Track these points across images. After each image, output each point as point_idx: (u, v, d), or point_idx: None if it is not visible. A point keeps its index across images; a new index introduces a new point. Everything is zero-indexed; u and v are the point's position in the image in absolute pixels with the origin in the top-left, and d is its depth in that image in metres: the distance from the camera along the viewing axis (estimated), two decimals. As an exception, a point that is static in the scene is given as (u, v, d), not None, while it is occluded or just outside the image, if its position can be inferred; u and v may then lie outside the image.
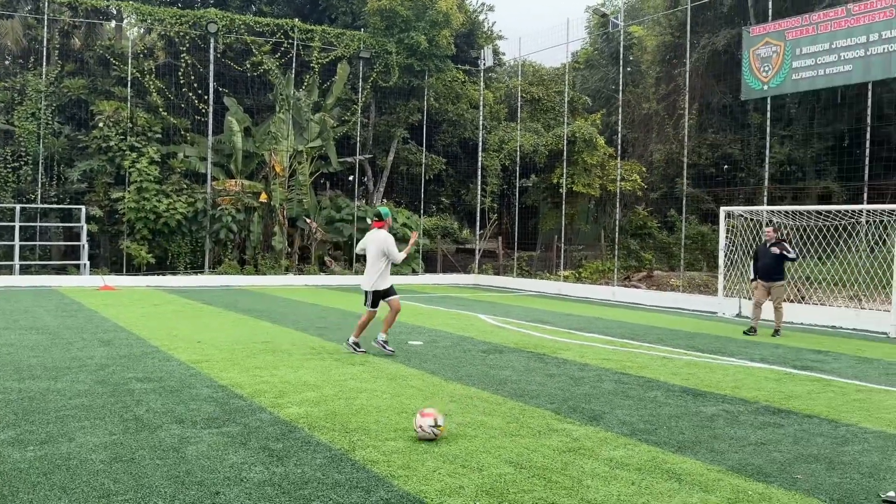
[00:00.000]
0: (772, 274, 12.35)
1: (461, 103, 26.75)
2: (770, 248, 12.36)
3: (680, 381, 8.06)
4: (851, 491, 4.58)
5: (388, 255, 9.14)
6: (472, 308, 16.06)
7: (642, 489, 4.53)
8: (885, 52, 14.72)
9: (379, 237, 9.26)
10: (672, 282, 20.64)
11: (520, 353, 9.79)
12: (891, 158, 23.34)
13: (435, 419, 5.40)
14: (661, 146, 27.36)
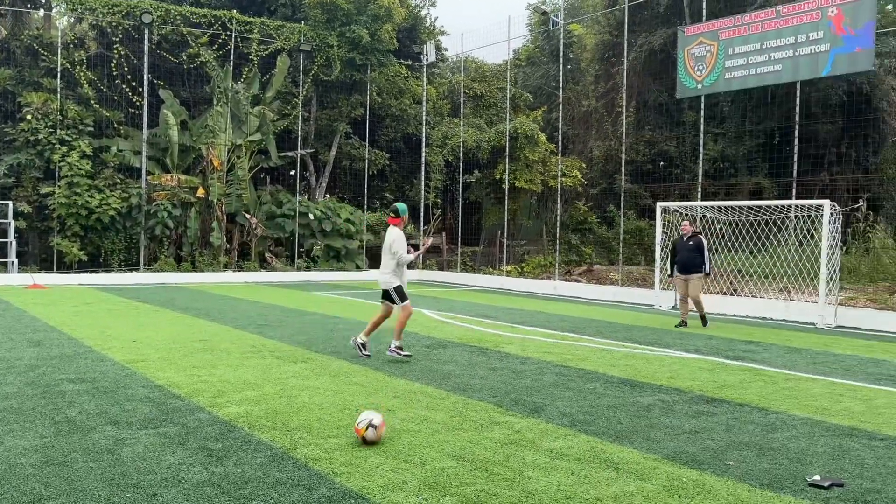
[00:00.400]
0: (689, 267, 12.59)
1: (404, 98, 26.68)
2: (687, 242, 12.66)
3: (618, 373, 8.25)
4: (780, 476, 4.77)
5: (395, 255, 8.75)
6: (416, 303, 16.02)
7: (581, 478, 4.63)
8: (812, 53, 15.33)
9: (390, 234, 8.88)
10: (611, 276, 21.07)
11: (463, 347, 9.85)
12: (818, 155, 24.36)
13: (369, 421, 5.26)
14: (601, 143, 27.87)
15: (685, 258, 12.61)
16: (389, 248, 8.81)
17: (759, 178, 25.04)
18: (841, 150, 25.16)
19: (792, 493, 4.43)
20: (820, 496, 4.40)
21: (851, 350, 10.53)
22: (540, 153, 24.97)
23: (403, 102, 26.58)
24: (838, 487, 4.54)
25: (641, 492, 4.41)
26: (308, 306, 14.85)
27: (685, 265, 12.63)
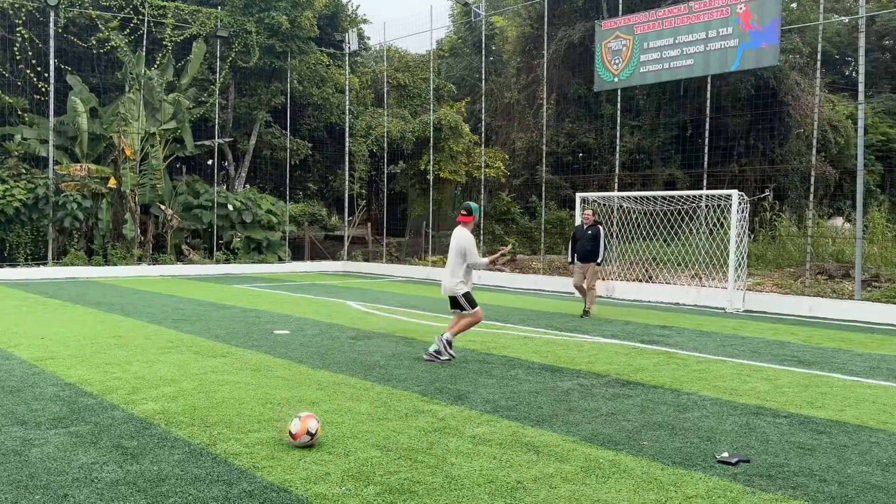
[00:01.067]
0: (586, 256, 12.67)
1: (326, 87, 26.29)
2: (586, 231, 12.76)
3: (539, 359, 8.43)
4: (691, 454, 4.99)
5: (466, 258, 8.11)
6: (341, 295, 15.94)
7: (503, 462, 4.72)
8: (722, 48, 15.95)
9: (460, 235, 8.20)
10: (534, 265, 21.45)
11: (388, 338, 9.85)
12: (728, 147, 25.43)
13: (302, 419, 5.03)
14: (523, 134, 28.26)
15: (583, 246, 12.70)
16: (460, 252, 8.07)
17: (672, 169, 25.97)
18: (749, 142, 26.36)
19: (702, 471, 4.64)
20: (728, 472, 4.62)
21: (758, 333, 11.09)
22: (464, 144, 25.15)
23: (326, 91, 26.18)
24: (745, 463, 4.78)
25: (560, 473, 4.54)
26: (228, 300, 14.51)
27: (583, 253, 12.72)
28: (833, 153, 26.71)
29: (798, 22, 25.13)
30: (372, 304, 14.00)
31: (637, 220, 17.19)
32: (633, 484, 4.38)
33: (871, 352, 9.47)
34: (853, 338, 10.79)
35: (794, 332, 11.32)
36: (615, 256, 18.02)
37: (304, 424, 4.98)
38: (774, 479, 4.49)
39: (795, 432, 5.56)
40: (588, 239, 12.69)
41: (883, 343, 10.31)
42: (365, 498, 4.11)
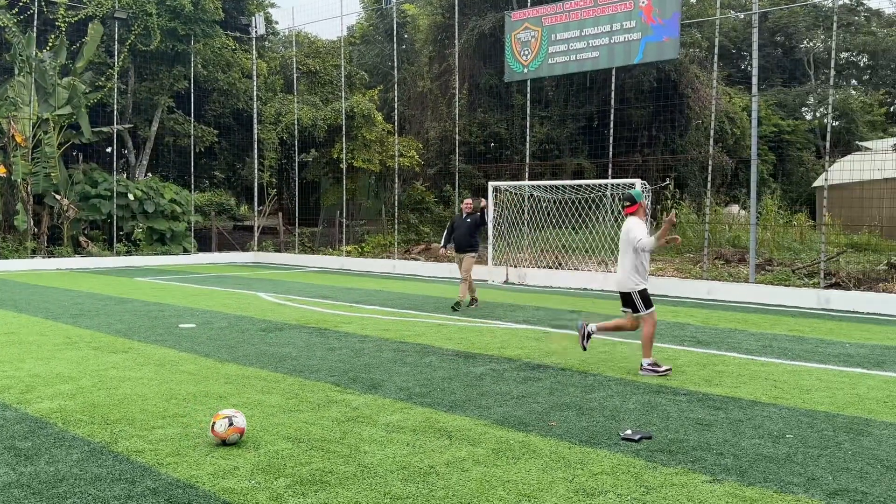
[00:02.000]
0: (463, 245, 12.20)
1: (233, 72, 25.47)
2: (465, 220, 12.24)
3: (453, 346, 8.51)
4: (597, 433, 5.17)
5: (635, 245, 7.13)
6: (252, 286, 15.56)
7: (416, 449, 4.75)
8: (626, 41, 16.43)
9: (627, 224, 7.39)
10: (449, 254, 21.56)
11: (301, 329, 9.69)
12: (632, 138, 26.35)
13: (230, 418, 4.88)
14: (436, 124, 28.32)
15: (461, 235, 12.21)
16: (629, 241, 7.21)
17: (581, 158, 26.67)
18: (652, 132, 27.40)
19: (607, 448, 4.81)
20: (632, 448, 4.81)
21: (660, 316, 11.48)
22: (377, 133, 24.97)
23: (232, 76, 25.37)
24: (647, 440, 4.99)
25: (472, 456, 4.60)
26: (129, 293, 13.90)
27: (460, 243, 12.23)
28: (730, 144, 28.11)
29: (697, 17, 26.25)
30: (284, 296, 13.74)
31: (547, 209, 17.58)
32: (542, 464, 4.49)
33: (764, 331, 10.05)
34: (748, 318, 11.42)
35: (693, 314, 11.87)
36: (526, 244, 18.38)
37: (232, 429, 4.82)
38: (675, 454, 4.70)
39: (694, 409, 5.84)
40: (466, 227, 12.18)
41: (775, 323, 10.95)
42: (275, 491, 4.04)
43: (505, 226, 17.74)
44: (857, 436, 5.16)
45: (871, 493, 4.09)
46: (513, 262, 17.81)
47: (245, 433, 4.90)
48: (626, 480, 4.23)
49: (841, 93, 35.90)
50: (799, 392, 6.45)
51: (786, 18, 36.51)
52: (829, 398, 6.24)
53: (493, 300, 13.46)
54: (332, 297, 13.68)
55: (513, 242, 18.06)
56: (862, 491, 4.11)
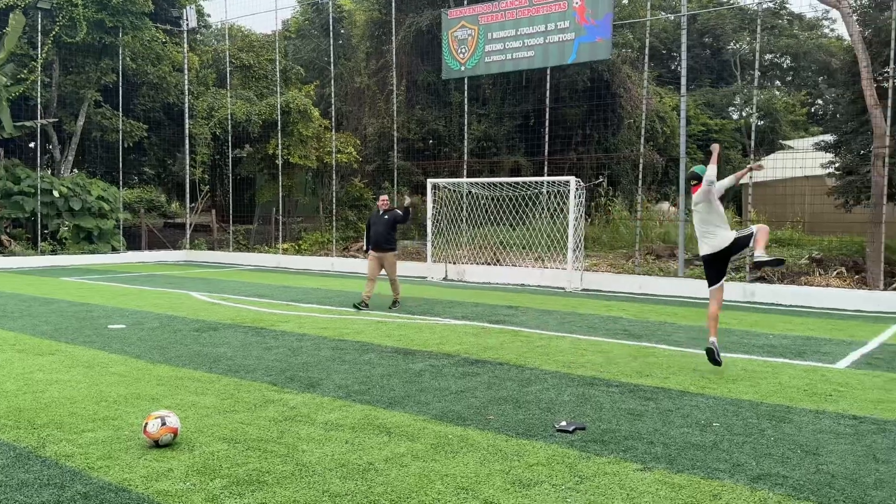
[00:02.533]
0: (382, 244, 11.75)
1: (163, 65, 24.72)
2: (382, 217, 11.82)
3: (392, 343, 8.52)
4: (533, 425, 5.27)
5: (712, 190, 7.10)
6: (184, 286, 15.19)
7: (355, 446, 4.75)
8: (560, 41, 16.73)
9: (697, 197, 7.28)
10: (376, 254, 21.50)
11: (236, 328, 9.53)
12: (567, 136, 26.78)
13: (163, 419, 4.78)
14: (375, 120, 28.16)
15: (379, 233, 11.74)
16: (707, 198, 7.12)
17: (518, 156, 26.98)
18: (586, 131, 27.91)
19: (543, 440, 4.92)
20: (566, 439, 4.93)
21: (594, 310, 11.84)
22: (314, 129, 24.64)
23: (162, 70, 24.63)
24: (581, 430, 5.12)
25: (411, 452, 4.64)
26: (55, 294, 13.38)
27: (378, 241, 11.76)
28: (660, 142, 28.91)
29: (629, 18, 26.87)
30: (218, 295, 13.46)
31: (485, 206, 17.74)
32: (480, 457, 4.56)
33: (692, 324, 10.41)
34: (677, 312, 11.81)
35: (626, 308, 12.20)
36: (465, 241, 18.50)
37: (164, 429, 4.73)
38: (607, 444, 4.85)
39: (626, 400, 6.02)
40: (384, 225, 11.72)
41: (703, 315, 11.31)
42: (211, 492, 3.99)
43: (444, 223, 17.82)
44: (778, 423, 5.42)
45: (792, 476, 4.31)
46: (452, 258, 17.90)
47: (179, 434, 4.81)
48: (560, 471, 4.34)
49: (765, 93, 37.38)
50: (725, 382, 6.72)
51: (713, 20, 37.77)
52: (753, 387, 6.52)
53: (433, 297, 13.52)
54: (269, 295, 13.48)
55: (452, 239, 18.16)
56: (783, 475, 4.32)
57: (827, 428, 5.29)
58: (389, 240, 11.82)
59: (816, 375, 7.05)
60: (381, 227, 11.79)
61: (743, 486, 4.13)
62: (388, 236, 11.78)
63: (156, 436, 4.70)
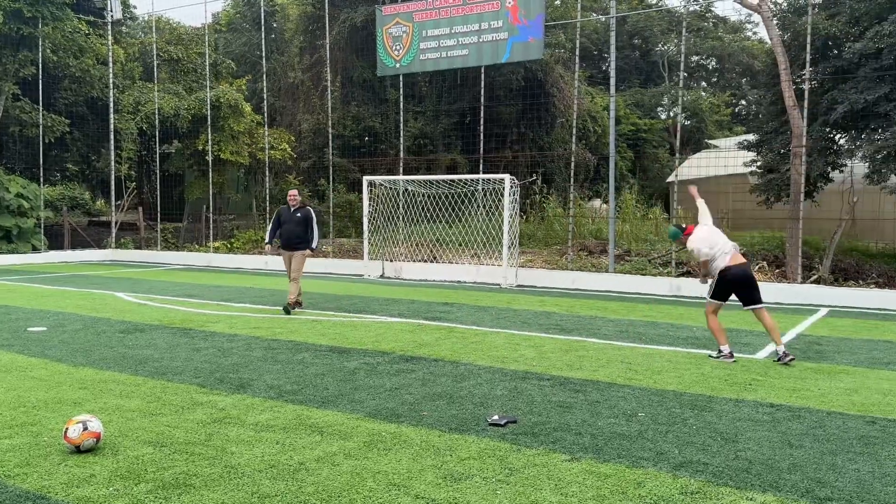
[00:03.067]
0: (294, 242, 11.10)
1: (86, 58, 23.77)
2: (294, 214, 11.12)
3: (327, 341, 8.45)
4: (466, 420, 5.32)
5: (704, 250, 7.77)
6: (109, 286, 14.68)
7: (286, 446, 4.70)
8: (494, 40, 16.88)
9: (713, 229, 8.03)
10: (324, 248, 21.32)
11: (164, 329, 9.28)
12: (502, 134, 27.05)
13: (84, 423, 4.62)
14: (309, 116, 27.82)
15: (290, 230, 11.09)
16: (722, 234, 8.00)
17: (454, 154, 27.12)
18: (521, 129, 28.26)
19: (476, 434, 4.98)
20: (498, 433, 5.00)
21: (528, 305, 12.02)
22: (246, 124, 24.17)
23: (85, 62, 23.68)
24: (513, 424, 5.20)
25: (343, 450, 4.62)
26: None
27: (290, 238, 11.10)
28: (592, 141, 29.52)
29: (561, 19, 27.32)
30: (145, 295, 13.06)
31: (422, 204, 17.75)
32: (413, 452, 4.58)
33: (621, 318, 10.69)
34: (607, 306, 12.10)
35: (559, 303, 12.43)
36: (402, 239, 18.49)
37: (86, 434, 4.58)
38: (537, 436, 4.94)
39: (556, 392, 6.15)
40: (296, 223, 11.07)
41: (631, 309, 11.67)
42: (136, 497, 3.89)
43: (380, 220, 17.75)
44: (700, 411, 5.62)
45: (712, 463, 4.48)
46: (389, 256, 17.86)
47: (102, 439, 4.67)
48: (491, 464, 4.40)
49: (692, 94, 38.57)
50: (651, 373, 6.93)
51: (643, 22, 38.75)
52: (677, 378, 6.75)
53: (370, 294, 13.46)
54: (199, 295, 13.17)
55: (388, 237, 18.11)
56: (704, 462, 4.49)
57: (746, 416, 5.52)
58: (304, 237, 11.10)
59: (737, 366, 7.35)
60: (292, 226, 11.09)
61: (666, 474, 4.27)
62: (299, 235, 11.05)
63: (77, 441, 4.55)
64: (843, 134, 16.15)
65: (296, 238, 11.07)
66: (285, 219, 11.20)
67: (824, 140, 15.79)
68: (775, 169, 16.52)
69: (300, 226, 11.08)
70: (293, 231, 11.08)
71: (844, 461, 4.53)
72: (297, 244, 11.09)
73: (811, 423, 5.36)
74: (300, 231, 11.07)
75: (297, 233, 11.06)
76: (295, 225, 11.08)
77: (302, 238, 11.09)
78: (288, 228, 11.12)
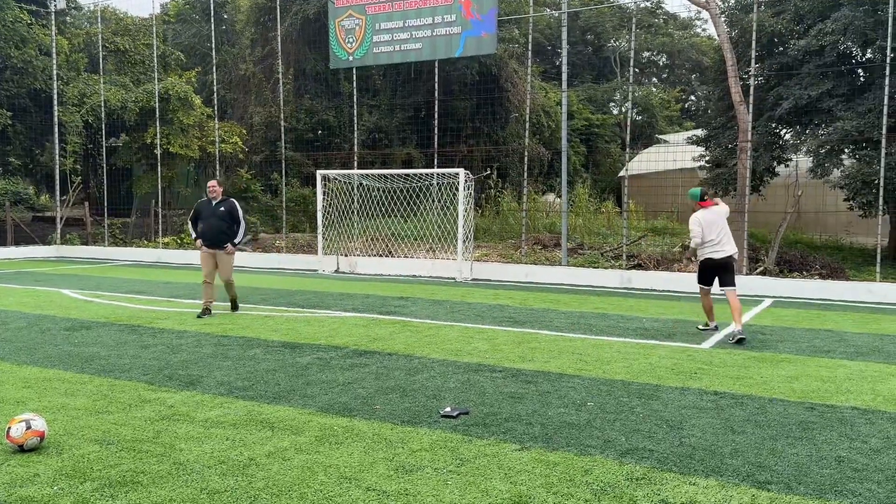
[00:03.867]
0: (217, 239, 9.96)
1: (28, 49, 22.99)
2: (216, 207, 10.04)
3: (279, 337, 8.38)
4: (418, 412, 5.35)
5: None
6: (54, 283, 14.28)
7: (236, 442, 4.66)
8: (447, 34, 16.89)
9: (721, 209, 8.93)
10: (277, 244, 21.10)
11: (111, 326, 9.07)
12: (457, 129, 27.09)
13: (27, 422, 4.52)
14: (261, 109, 27.44)
15: (213, 226, 9.95)
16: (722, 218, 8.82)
17: (409, 148, 27.08)
18: (476, 124, 28.35)
19: (428, 426, 5.01)
20: (450, 425, 5.04)
21: (482, 299, 12.10)
22: (196, 117, 23.69)
23: (28, 53, 22.90)
24: (465, 415, 5.25)
25: (295, 445, 4.61)
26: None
27: (214, 234, 9.95)
28: (546, 136, 29.78)
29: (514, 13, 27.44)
30: (92, 292, 12.75)
31: (378, 198, 17.68)
32: (365, 445, 4.59)
33: (573, 310, 10.85)
34: (560, 298, 12.26)
35: (512, 296, 12.54)
36: (357, 234, 18.40)
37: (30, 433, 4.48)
38: (489, 427, 5.00)
39: (508, 384, 6.22)
40: (219, 217, 9.97)
41: (583, 302, 11.85)
42: (81, 495, 3.82)
43: (335, 215, 17.63)
44: (647, 400, 5.76)
45: (658, 450, 4.60)
46: (343, 251, 17.77)
47: (46, 438, 4.56)
48: (443, 455, 4.44)
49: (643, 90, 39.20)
50: (600, 364, 7.07)
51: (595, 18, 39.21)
52: (626, 368, 6.89)
53: (324, 290, 13.37)
54: (148, 291, 12.91)
55: (343, 231, 18.01)
56: (650, 449, 4.61)
57: (691, 403, 5.68)
58: (230, 232, 10.03)
59: (684, 355, 7.54)
60: (213, 220, 9.96)
61: (612, 461, 4.37)
62: (223, 231, 9.98)
63: (20, 440, 4.44)
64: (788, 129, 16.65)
65: (221, 234, 9.97)
66: (206, 213, 10.07)
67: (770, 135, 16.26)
68: (723, 163, 16.96)
69: (224, 220, 10.00)
70: (217, 226, 9.95)
71: (784, 446, 4.69)
72: (223, 240, 9.99)
73: (753, 409, 5.54)
74: (225, 226, 9.99)
75: (222, 228, 9.97)
76: (219, 219, 9.98)
77: (227, 234, 10.01)
78: (211, 223, 9.96)
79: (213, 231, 9.95)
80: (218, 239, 9.96)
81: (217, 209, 10.04)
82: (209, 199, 10.14)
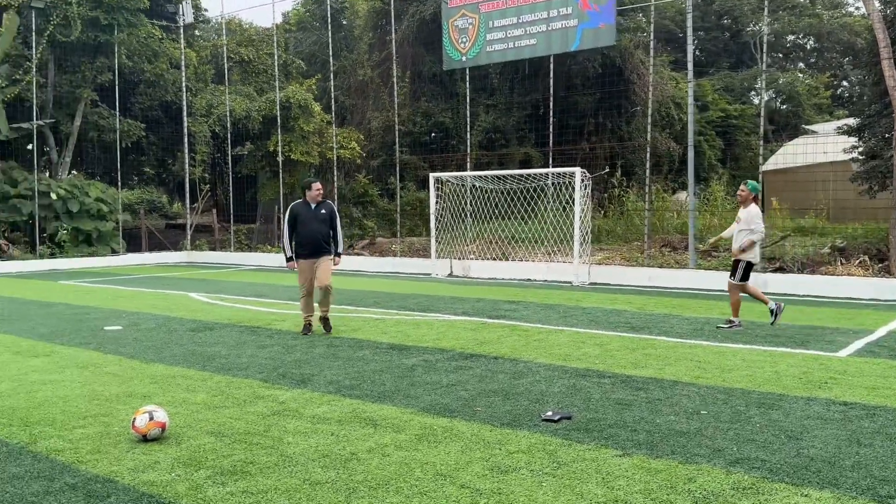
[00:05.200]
0: (320, 247, 8.88)
1: (160, 62, 24.54)
2: (317, 211, 8.90)
3: (388, 339, 8.51)
4: (519, 415, 5.27)
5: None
6: (183, 287, 15.23)
7: (340, 438, 4.78)
8: (563, 27, 16.50)
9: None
10: (394, 248, 21.47)
11: (232, 328, 9.56)
12: (578, 125, 26.34)
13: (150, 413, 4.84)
14: (379, 114, 27.93)
15: (315, 231, 8.84)
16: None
17: (527, 147, 26.66)
18: (598, 119, 27.45)
19: (528, 429, 4.92)
20: (551, 429, 4.93)
21: (598, 303, 11.75)
22: (316, 124, 24.56)
23: (159, 67, 24.46)
24: (567, 420, 5.11)
25: (395, 442, 4.66)
26: (52, 297, 13.41)
27: (315, 242, 8.85)
28: (677, 129, 27.97)
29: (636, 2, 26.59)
30: (216, 295, 13.48)
31: (493, 200, 17.48)
32: (462, 445, 4.58)
33: (697, 316, 10.29)
34: (684, 304, 11.66)
35: (632, 300, 12.08)
36: (472, 237, 18.32)
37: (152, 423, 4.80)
38: (591, 432, 4.84)
39: (616, 390, 6.00)
40: (320, 221, 8.88)
41: (710, 308, 11.18)
42: (195, 482, 4.05)
43: (448, 218, 17.67)
44: (767, 410, 5.39)
45: (770, 460, 4.29)
46: (457, 254, 17.80)
47: (167, 429, 4.87)
48: (540, 457, 4.35)
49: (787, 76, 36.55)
50: (720, 371, 6.68)
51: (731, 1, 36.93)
52: (748, 376, 6.48)
53: (436, 294, 13.44)
54: (268, 295, 13.50)
55: (457, 234, 18.03)
56: (762, 459, 4.31)
57: (815, 414, 5.26)
58: (326, 241, 8.94)
59: (815, 364, 7.00)
60: (315, 225, 8.84)
61: (719, 470, 4.12)
62: (325, 237, 8.93)
63: (144, 430, 4.76)
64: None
65: (323, 241, 8.89)
66: (306, 217, 8.86)
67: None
68: (878, 155, 15.42)
69: (326, 224, 8.94)
70: (319, 231, 8.86)
71: (922, 463, 4.25)
72: (324, 249, 8.90)
73: (885, 421, 5.06)
74: (326, 231, 8.93)
75: (324, 233, 8.91)
76: (320, 223, 8.88)
77: (328, 241, 8.95)
78: (312, 229, 8.82)
79: (315, 237, 8.85)
80: (319, 246, 8.88)
81: (318, 212, 8.91)
82: (305, 201, 8.95)
